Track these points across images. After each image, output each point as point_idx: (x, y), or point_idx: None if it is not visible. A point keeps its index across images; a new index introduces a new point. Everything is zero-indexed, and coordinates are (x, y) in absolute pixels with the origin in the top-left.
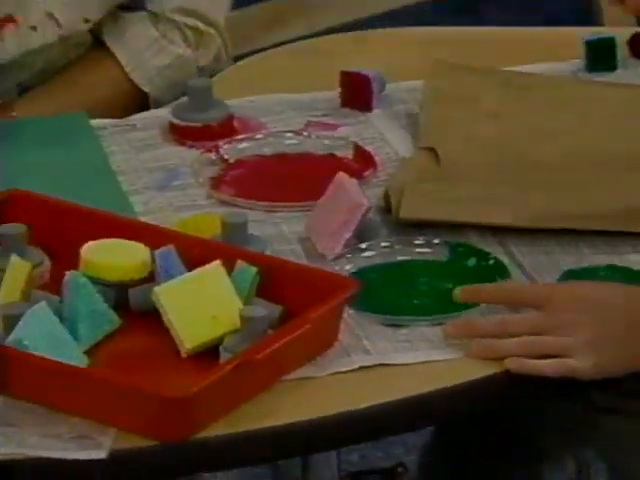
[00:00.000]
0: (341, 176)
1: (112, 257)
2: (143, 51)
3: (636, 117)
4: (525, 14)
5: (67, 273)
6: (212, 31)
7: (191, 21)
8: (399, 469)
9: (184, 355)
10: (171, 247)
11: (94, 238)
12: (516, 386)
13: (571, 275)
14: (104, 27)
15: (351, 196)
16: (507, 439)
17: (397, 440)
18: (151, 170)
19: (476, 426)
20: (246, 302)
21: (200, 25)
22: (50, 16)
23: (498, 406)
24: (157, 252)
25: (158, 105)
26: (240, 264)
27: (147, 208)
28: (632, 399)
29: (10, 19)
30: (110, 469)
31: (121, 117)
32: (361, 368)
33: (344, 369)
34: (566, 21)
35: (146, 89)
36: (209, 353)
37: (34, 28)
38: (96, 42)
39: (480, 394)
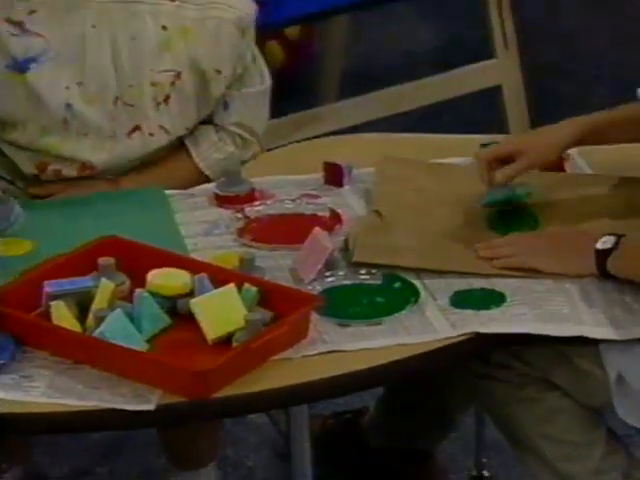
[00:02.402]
0: (316, 230)
1: (167, 280)
2: (207, 149)
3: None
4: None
5: (137, 290)
6: (254, 139)
7: (241, 132)
8: (363, 409)
9: (210, 343)
10: (204, 274)
11: (157, 267)
12: (421, 364)
13: (458, 293)
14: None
15: (321, 243)
16: (427, 398)
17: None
18: (200, 223)
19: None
20: (249, 310)
21: (246, 135)
22: (161, 127)
23: (413, 378)
24: (195, 277)
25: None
26: (247, 286)
27: (195, 247)
28: (499, 369)
29: (137, 127)
30: (155, 416)
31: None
32: (321, 353)
33: (311, 353)
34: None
35: (207, 172)
36: (225, 342)
37: (152, 134)
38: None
39: (397, 370)
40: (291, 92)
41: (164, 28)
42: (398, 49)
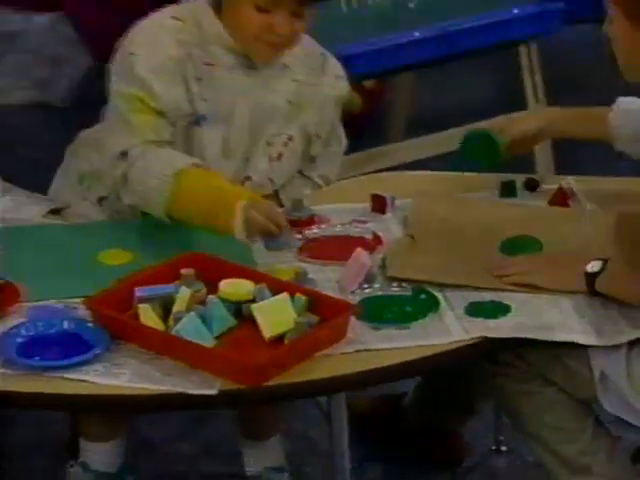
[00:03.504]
0: (359, 250)
1: (234, 288)
2: (291, 191)
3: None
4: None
5: (209, 296)
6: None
7: (321, 183)
8: (403, 394)
9: (266, 340)
10: (264, 284)
11: (228, 277)
12: (439, 362)
13: (472, 304)
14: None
15: (362, 260)
16: (454, 389)
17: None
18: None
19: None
20: (299, 314)
21: (323, 184)
22: (270, 179)
23: (439, 372)
24: (257, 286)
25: None
26: (298, 295)
27: (262, 262)
28: (505, 367)
29: (248, 178)
30: (217, 400)
31: None
32: (357, 351)
33: (348, 351)
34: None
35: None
36: (279, 340)
37: (261, 185)
38: None
39: (419, 366)
40: (365, 132)
41: (289, 102)
42: (453, 98)
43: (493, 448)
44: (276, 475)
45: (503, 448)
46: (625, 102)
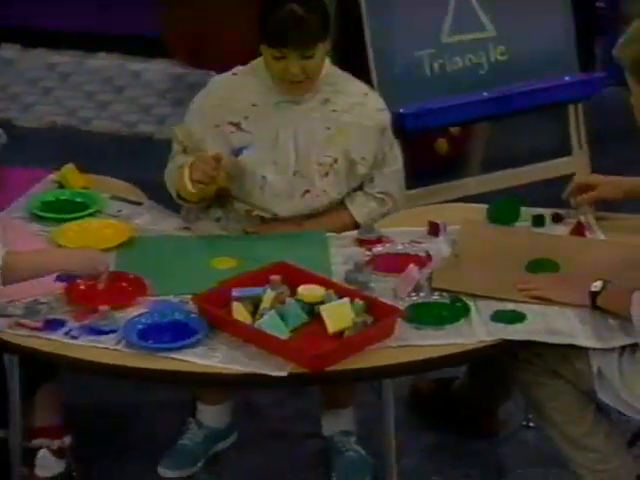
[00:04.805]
0: (411, 266)
1: (309, 292)
2: (358, 206)
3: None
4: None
5: (288, 298)
6: (389, 200)
7: (382, 196)
8: (454, 378)
9: (330, 335)
10: (332, 291)
11: (305, 283)
12: (466, 357)
13: (497, 312)
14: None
15: (412, 274)
16: (492, 377)
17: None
18: (343, 256)
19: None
20: (357, 315)
21: (384, 197)
22: (324, 191)
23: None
24: (326, 292)
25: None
26: (357, 300)
27: (335, 271)
28: (525, 363)
29: (307, 191)
30: (287, 381)
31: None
32: (400, 346)
33: (393, 345)
34: None
35: (358, 219)
36: (339, 335)
37: (317, 196)
38: None
39: (451, 359)
40: (451, 168)
41: (328, 128)
42: (517, 142)
43: (523, 424)
44: (345, 437)
45: (531, 424)
46: None
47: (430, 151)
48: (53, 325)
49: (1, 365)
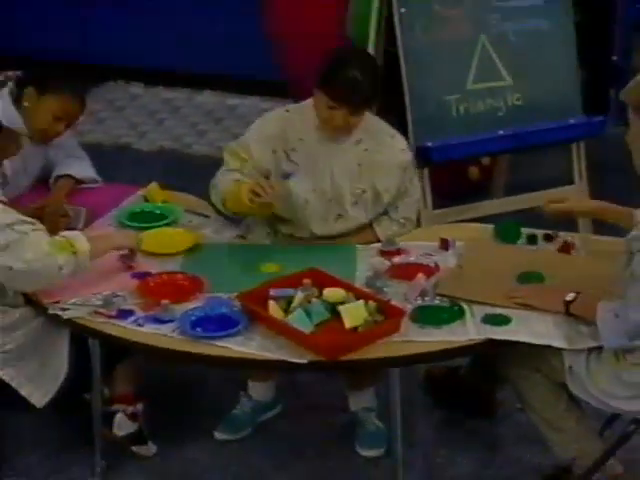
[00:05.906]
0: (419, 275)
1: (332, 294)
2: (383, 228)
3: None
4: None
5: (314, 298)
6: (409, 224)
7: (404, 222)
8: (461, 366)
9: (347, 329)
10: (352, 293)
11: (330, 287)
12: (459, 352)
13: (487, 315)
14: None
15: (420, 281)
16: (492, 366)
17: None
18: (367, 264)
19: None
20: (369, 314)
21: (405, 222)
22: (354, 217)
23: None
24: (347, 294)
25: None
26: (370, 302)
27: (357, 277)
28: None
29: (340, 216)
30: (307, 367)
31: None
32: (404, 340)
33: (398, 340)
34: None
35: (381, 238)
36: (354, 330)
37: (348, 220)
38: None
39: (446, 353)
40: (480, 192)
41: (359, 165)
42: (536, 170)
43: (518, 406)
44: (367, 413)
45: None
46: None
47: (464, 177)
48: (124, 314)
49: (86, 345)
